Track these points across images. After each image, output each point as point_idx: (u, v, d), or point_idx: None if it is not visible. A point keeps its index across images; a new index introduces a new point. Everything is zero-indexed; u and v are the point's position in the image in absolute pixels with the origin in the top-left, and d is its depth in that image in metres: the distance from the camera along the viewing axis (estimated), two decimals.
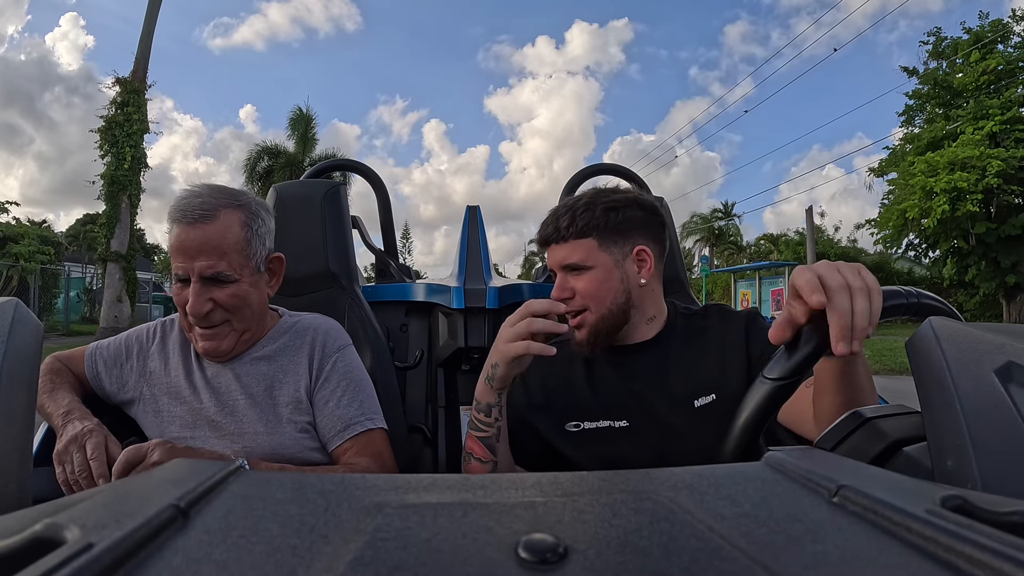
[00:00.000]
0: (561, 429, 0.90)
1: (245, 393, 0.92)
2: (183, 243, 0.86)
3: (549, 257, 0.93)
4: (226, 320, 0.90)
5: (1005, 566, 0.20)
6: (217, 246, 0.86)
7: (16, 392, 0.43)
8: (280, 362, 0.95)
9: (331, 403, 0.93)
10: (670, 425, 0.87)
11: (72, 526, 0.23)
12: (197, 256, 0.86)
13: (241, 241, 0.89)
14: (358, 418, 0.93)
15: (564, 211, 0.91)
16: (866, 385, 0.66)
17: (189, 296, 0.86)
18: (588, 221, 0.89)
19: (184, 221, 0.86)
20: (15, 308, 0.47)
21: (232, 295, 0.88)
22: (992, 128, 14.06)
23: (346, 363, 0.97)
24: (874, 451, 0.52)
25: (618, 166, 1.78)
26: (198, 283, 0.86)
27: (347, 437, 0.91)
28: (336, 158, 2.23)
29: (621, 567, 0.22)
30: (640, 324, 0.93)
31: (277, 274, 0.99)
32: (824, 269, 0.57)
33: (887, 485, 0.29)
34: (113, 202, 12.41)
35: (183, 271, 0.87)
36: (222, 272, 0.87)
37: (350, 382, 0.95)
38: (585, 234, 0.89)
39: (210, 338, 0.90)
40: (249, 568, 0.21)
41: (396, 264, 1.75)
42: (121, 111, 12.38)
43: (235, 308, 0.89)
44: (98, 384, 0.98)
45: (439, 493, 0.30)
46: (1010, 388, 0.38)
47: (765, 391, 0.64)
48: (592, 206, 0.90)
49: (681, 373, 0.90)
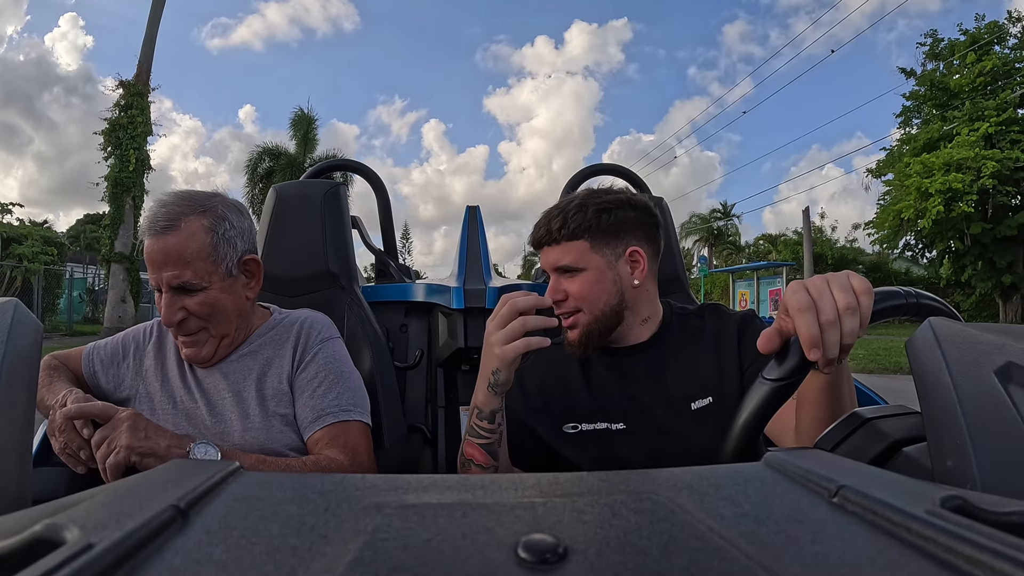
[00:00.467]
0: (558, 430, 0.90)
1: (232, 392, 0.92)
2: (150, 255, 0.88)
3: (542, 259, 0.94)
4: (202, 328, 0.91)
5: (1005, 566, 0.20)
6: (180, 256, 0.87)
7: (16, 392, 0.43)
8: (265, 354, 0.96)
9: (307, 392, 0.93)
10: (667, 428, 0.87)
11: (72, 526, 0.23)
12: (163, 267, 0.87)
13: (207, 248, 0.88)
14: (332, 408, 0.92)
15: (556, 213, 0.91)
16: (847, 403, 0.66)
17: (161, 309, 0.89)
18: (580, 223, 0.88)
19: (150, 232, 0.88)
20: (15, 308, 0.47)
21: (201, 303, 0.89)
22: (988, 129, 14.16)
23: (328, 354, 0.97)
24: (874, 451, 0.52)
25: (618, 166, 1.78)
26: (168, 293, 0.88)
27: (319, 427, 0.91)
28: (336, 158, 2.21)
29: (621, 567, 0.22)
30: (635, 325, 0.93)
31: (255, 275, 0.98)
32: (816, 293, 0.57)
33: (887, 485, 0.29)
34: (117, 204, 12.61)
35: (154, 282, 0.89)
36: (188, 281, 0.87)
37: (329, 372, 0.95)
38: (577, 236, 0.89)
39: (190, 345, 0.91)
40: (249, 568, 0.21)
41: (396, 264, 1.75)
42: (125, 113, 12.56)
43: (207, 316, 0.90)
44: (95, 383, 0.98)
45: (439, 493, 0.30)
46: (1010, 388, 0.38)
47: (765, 391, 0.64)
48: (584, 208, 0.89)
49: (677, 375, 0.90)
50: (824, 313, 0.55)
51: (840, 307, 0.55)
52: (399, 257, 1.86)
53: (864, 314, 0.56)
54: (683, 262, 1.60)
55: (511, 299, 0.78)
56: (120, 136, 12.48)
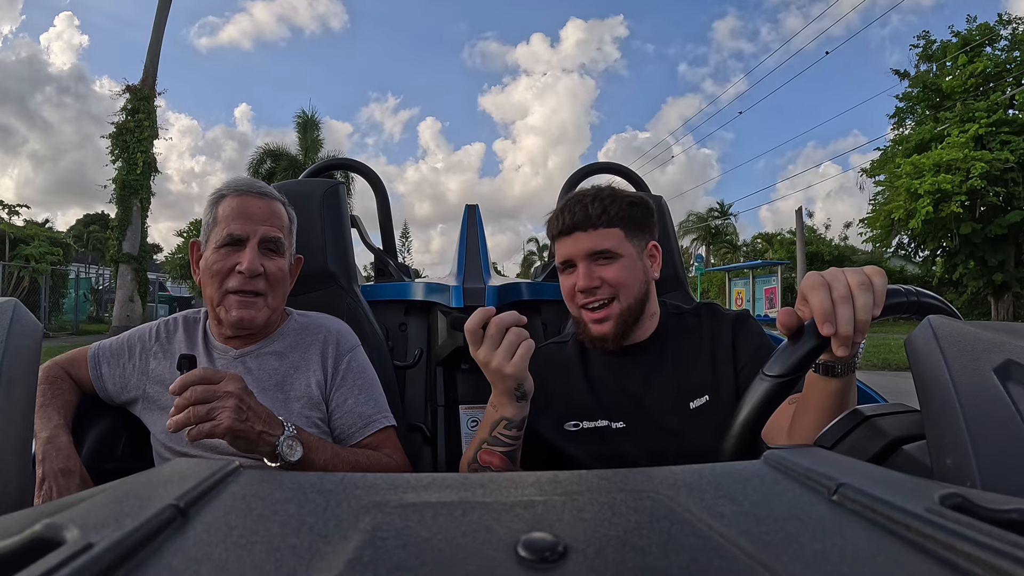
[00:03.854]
0: (560, 428, 0.91)
1: (258, 386, 0.93)
2: (248, 208, 0.93)
3: (571, 245, 0.91)
4: (264, 293, 0.93)
5: (1004, 564, 0.20)
6: (279, 218, 0.96)
7: (15, 392, 0.43)
8: (291, 358, 0.97)
9: (350, 401, 0.96)
10: (666, 427, 0.87)
11: (72, 526, 0.23)
12: (263, 221, 0.93)
13: (289, 226, 1.00)
14: (376, 416, 0.97)
15: (591, 199, 0.90)
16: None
17: (244, 257, 0.91)
18: (617, 211, 0.89)
19: (249, 192, 0.95)
20: (14, 308, 0.47)
21: (279, 268, 0.95)
22: (978, 131, 14.32)
23: (359, 363, 1.01)
24: (873, 449, 0.52)
25: (618, 165, 1.78)
26: (256, 245, 0.92)
27: (367, 434, 0.95)
28: (334, 157, 2.22)
29: (620, 566, 0.22)
30: (644, 321, 0.94)
31: (294, 275, 1.04)
32: (830, 276, 0.58)
33: (886, 483, 0.29)
34: (125, 205, 13.05)
35: (242, 231, 0.91)
36: (280, 240, 0.95)
37: (364, 381, 0.99)
38: (614, 223, 0.89)
39: (248, 306, 0.92)
40: (249, 567, 0.21)
41: (395, 263, 1.74)
42: (132, 118, 12.97)
43: (276, 283, 0.94)
44: (101, 386, 0.98)
45: (438, 492, 0.30)
46: (1009, 386, 0.38)
47: (765, 388, 0.64)
48: (618, 198, 0.90)
49: (675, 374, 0.91)
50: (837, 289, 0.56)
51: (852, 284, 0.56)
52: (399, 256, 1.85)
53: (878, 292, 0.57)
54: (682, 261, 1.60)
55: (488, 320, 0.76)
56: (127, 140, 12.86)
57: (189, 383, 0.71)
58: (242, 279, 0.90)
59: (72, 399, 0.95)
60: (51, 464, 0.82)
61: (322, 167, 1.76)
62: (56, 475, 0.82)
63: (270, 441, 0.75)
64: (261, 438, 0.74)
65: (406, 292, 1.48)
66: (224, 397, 0.71)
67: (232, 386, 0.72)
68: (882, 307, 0.58)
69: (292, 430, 0.78)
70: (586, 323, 0.91)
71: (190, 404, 0.70)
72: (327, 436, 0.95)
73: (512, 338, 0.75)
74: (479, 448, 0.82)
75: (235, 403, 0.72)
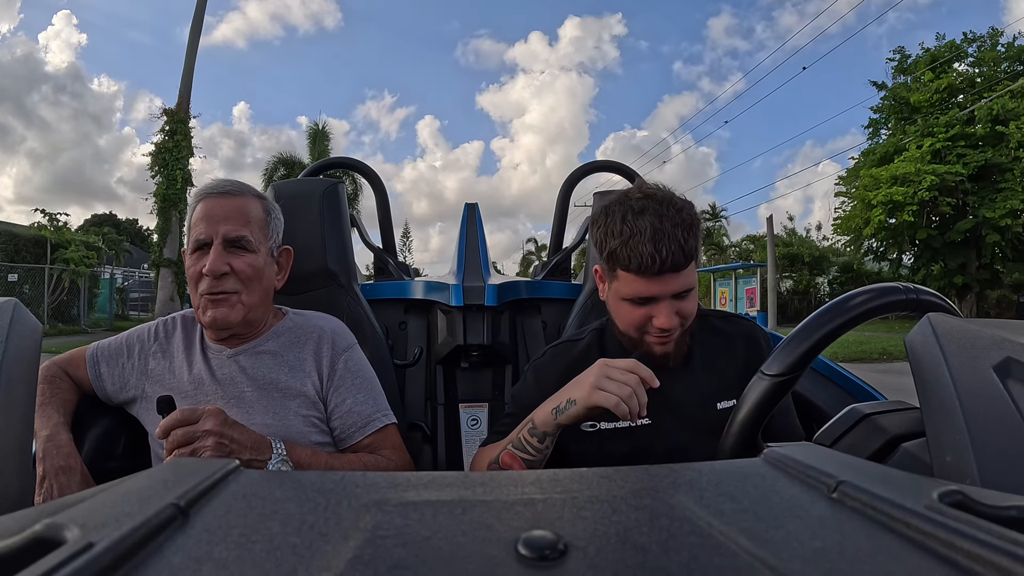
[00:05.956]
0: (576, 429, 0.89)
1: (252, 384, 0.93)
2: (210, 211, 0.92)
3: (660, 286, 0.83)
4: (236, 291, 0.92)
5: (1004, 561, 0.20)
6: (242, 214, 0.93)
7: (15, 392, 0.43)
8: (286, 358, 0.97)
9: (348, 401, 0.96)
10: (693, 425, 0.88)
11: (72, 526, 0.23)
12: (223, 221, 0.92)
13: (262, 219, 0.96)
14: (375, 414, 0.97)
15: (679, 232, 0.82)
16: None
17: (208, 260, 0.90)
18: (697, 242, 0.84)
19: (213, 194, 0.94)
20: (14, 308, 0.47)
21: (249, 264, 0.92)
22: (936, 145, 15.27)
23: (356, 361, 1.00)
24: (873, 447, 0.52)
25: (618, 164, 1.77)
26: (220, 246, 0.90)
27: (367, 433, 0.96)
28: (333, 157, 2.21)
29: (621, 563, 0.22)
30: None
31: (284, 268, 1.02)
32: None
33: (886, 481, 0.29)
34: (165, 216, 14.61)
35: (205, 235, 0.91)
36: (244, 237, 0.92)
37: (363, 380, 0.99)
38: (693, 255, 0.84)
39: (219, 304, 0.91)
40: (249, 567, 0.21)
41: (395, 262, 1.74)
42: (170, 139, 14.54)
43: (248, 279, 0.93)
44: (100, 386, 0.98)
45: (438, 491, 0.30)
46: (1008, 384, 0.38)
47: (764, 387, 0.64)
48: (694, 225, 0.84)
49: (704, 374, 0.91)
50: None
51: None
52: (399, 255, 1.85)
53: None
54: None
55: (642, 367, 0.75)
56: (166, 158, 14.48)
57: (169, 428, 0.73)
58: (209, 281, 0.90)
59: (71, 398, 0.95)
60: (52, 462, 0.83)
61: (321, 166, 1.75)
62: (57, 473, 0.82)
63: (259, 467, 0.77)
64: (251, 465, 0.75)
65: (406, 291, 1.48)
66: (203, 436, 0.73)
67: (211, 423, 0.74)
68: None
69: (281, 450, 0.80)
70: (650, 344, 0.88)
71: (174, 447, 0.73)
72: (326, 435, 0.95)
73: (632, 383, 0.73)
74: (504, 448, 0.83)
75: (214, 441, 0.74)
